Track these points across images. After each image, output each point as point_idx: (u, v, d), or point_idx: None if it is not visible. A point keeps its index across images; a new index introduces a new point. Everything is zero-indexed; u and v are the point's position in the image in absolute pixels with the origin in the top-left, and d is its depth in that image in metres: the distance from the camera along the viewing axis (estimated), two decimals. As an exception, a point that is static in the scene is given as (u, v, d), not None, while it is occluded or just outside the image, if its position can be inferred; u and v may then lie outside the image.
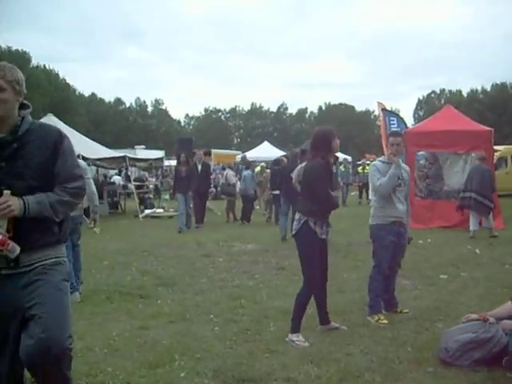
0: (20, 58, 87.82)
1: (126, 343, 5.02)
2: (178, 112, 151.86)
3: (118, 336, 5.21)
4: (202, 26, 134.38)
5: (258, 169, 19.14)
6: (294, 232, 5.12)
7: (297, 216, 5.12)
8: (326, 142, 5.03)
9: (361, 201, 22.88)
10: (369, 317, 5.65)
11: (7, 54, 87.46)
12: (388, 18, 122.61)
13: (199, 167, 14.49)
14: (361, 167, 23.92)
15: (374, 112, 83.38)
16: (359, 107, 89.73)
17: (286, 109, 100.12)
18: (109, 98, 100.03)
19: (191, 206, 14.43)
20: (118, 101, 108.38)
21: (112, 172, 24.26)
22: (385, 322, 5.51)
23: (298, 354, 4.66)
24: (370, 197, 19.06)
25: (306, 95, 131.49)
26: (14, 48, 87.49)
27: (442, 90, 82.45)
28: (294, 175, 9.90)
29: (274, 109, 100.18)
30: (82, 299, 6.61)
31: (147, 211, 17.45)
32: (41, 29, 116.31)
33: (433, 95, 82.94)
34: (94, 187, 7.41)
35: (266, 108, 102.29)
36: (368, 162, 26.96)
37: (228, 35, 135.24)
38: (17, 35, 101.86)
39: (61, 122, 17.56)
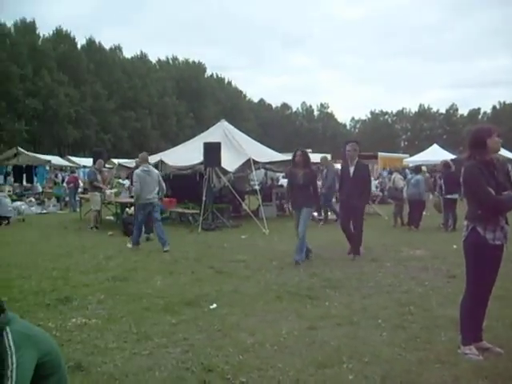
0: (197, 69, 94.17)
1: (295, 342, 5.17)
2: (343, 115, 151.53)
3: (288, 334, 5.37)
4: (365, 29, 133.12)
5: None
6: (462, 239, 4.90)
7: (464, 222, 4.89)
8: (480, 141, 4.74)
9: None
10: None
11: (185, 65, 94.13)
12: None
13: (351, 170, 10.01)
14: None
15: (557, 110, 76.13)
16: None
17: (457, 110, 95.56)
18: (276, 103, 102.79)
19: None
20: (285, 106, 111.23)
21: (279, 175, 24.89)
22: None
23: (471, 367, 4.45)
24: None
25: (477, 95, 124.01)
26: (191, 60, 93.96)
27: None
28: None
29: (443, 110, 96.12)
30: (254, 297, 6.93)
31: (315, 214, 17.59)
32: (213, 40, 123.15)
33: None
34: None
35: (434, 109, 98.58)
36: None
37: (391, 36, 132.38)
38: (193, 47, 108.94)
39: (233, 127, 18.52)
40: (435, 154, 31.94)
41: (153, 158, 17.17)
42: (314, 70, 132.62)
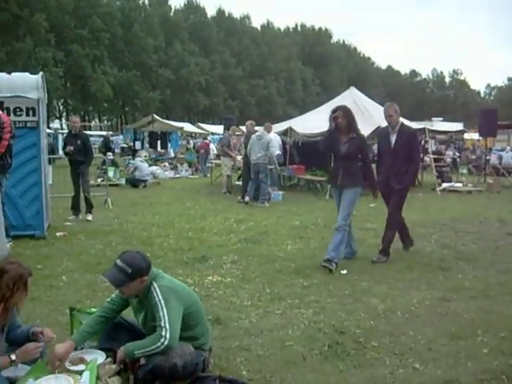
0: (323, 35, 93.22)
1: (427, 311, 5.13)
2: (477, 82, 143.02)
3: (419, 304, 5.35)
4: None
5: None
6: None
7: None
8: None
9: None
10: None
11: (311, 32, 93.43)
12: None
13: (392, 139, 7.43)
14: None
15: None
16: None
17: None
18: (404, 70, 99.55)
19: None
20: (414, 72, 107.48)
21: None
22: None
23: None
24: None
25: None
26: (317, 26, 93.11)
27: None
28: None
29: None
30: (384, 264, 6.95)
31: (445, 185, 17.06)
32: (339, 4, 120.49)
33: None
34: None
35: None
36: None
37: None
38: (319, 14, 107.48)
39: (362, 95, 18.22)
40: None
41: (282, 126, 17.41)
42: (446, 34, 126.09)
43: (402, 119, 7.55)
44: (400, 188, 7.25)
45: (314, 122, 16.20)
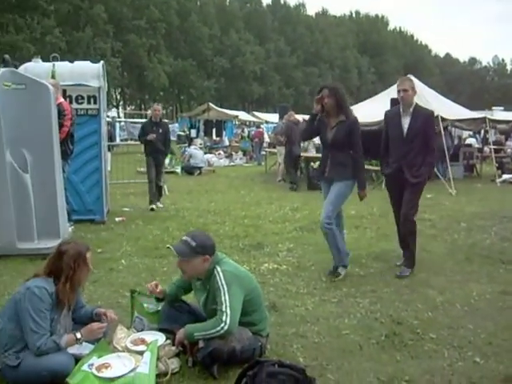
0: (378, 22, 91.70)
1: (487, 305, 5.00)
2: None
3: (479, 297, 5.22)
4: None
5: None
6: None
7: None
8: None
9: None
10: None
11: (366, 19, 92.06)
12: None
13: (405, 123, 6.09)
14: None
15: None
16: None
17: None
18: (463, 57, 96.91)
19: None
20: (473, 60, 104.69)
21: (465, 133, 23.63)
22: None
23: None
24: None
25: None
26: (372, 13, 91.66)
27: None
28: None
29: None
30: (442, 256, 6.81)
31: (505, 176, 16.52)
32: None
33: None
34: None
35: None
36: None
37: None
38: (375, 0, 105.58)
39: (420, 82, 17.82)
40: None
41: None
42: (509, 17, 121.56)
43: (460, 107, 7.09)
44: (416, 182, 5.98)
45: (369, 111, 15.96)
